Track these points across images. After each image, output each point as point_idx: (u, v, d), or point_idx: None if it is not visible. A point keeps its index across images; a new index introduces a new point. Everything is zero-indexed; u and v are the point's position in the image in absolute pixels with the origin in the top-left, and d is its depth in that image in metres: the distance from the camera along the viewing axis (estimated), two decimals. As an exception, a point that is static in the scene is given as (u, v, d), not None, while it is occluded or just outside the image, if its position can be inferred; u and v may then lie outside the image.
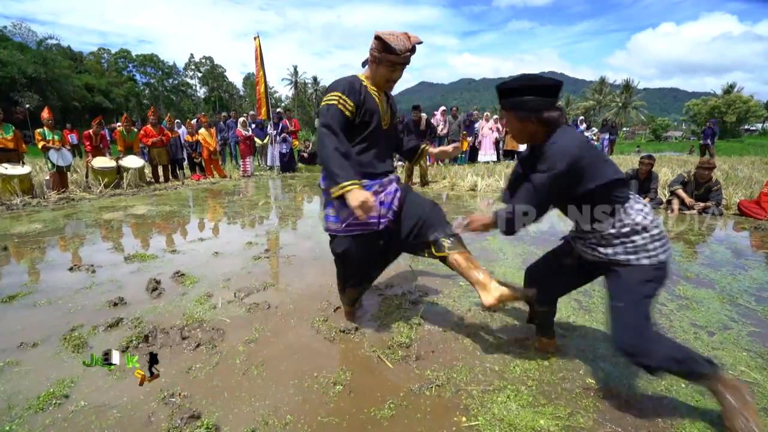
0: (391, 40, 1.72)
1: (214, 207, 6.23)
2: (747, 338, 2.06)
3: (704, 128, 14.32)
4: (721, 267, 3.14)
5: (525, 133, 1.52)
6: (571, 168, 1.38)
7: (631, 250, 1.42)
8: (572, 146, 1.39)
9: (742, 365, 1.82)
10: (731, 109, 40.74)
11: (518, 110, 1.48)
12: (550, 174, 1.40)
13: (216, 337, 2.15)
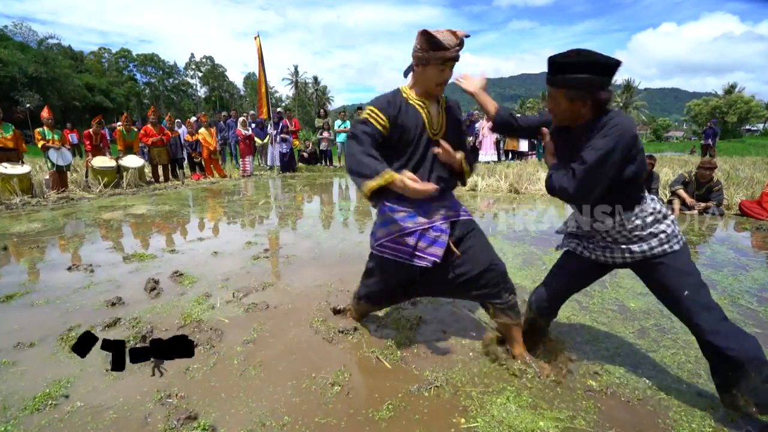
0: (438, 35, 1.57)
1: (213, 207, 6.22)
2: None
3: (705, 128, 14.30)
4: (723, 268, 3.12)
5: (570, 113, 1.40)
6: (625, 145, 1.30)
7: (665, 240, 1.43)
8: (628, 125, 1.32)
9: (744, 367, 1.80)
10: (732, 110, 40.68)
11: (572, 88, 1.34)
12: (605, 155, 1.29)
13: (214, 338, 2.14)
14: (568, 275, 1.71)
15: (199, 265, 3.33)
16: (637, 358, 1.89)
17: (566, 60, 1.34)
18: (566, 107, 1.39)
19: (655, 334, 2.11)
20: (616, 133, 1.29)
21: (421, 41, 1.60)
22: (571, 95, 1.35)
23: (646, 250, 1.45)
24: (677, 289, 1.42)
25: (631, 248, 1.48)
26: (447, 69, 1.64)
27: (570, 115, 1.41)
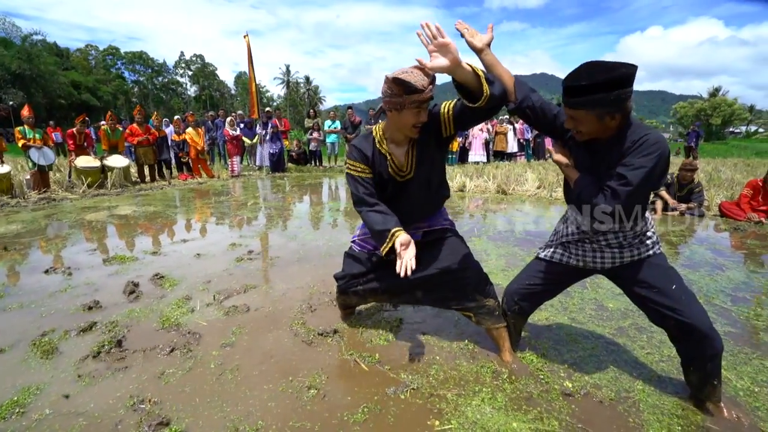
0: (410, 78, 1.50)
1: (199, 207, 6.15)
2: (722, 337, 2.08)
3: (689, 131, 14.60)
4: (700, 267, 3.18)
5: (600, 130, 1.35)
6: (664, 163, 1.31)
7: (650, 245, 1.53)
8: (664, 140, 1.31)
9: (715, 366, 1.83)
10: (716, 112, 41.43)
11: (601, 108, 1.27)
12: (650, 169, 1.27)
13: (192, 341, 2.11)
14: (541, 280, 1.74)
15: (181, 267, 3.29)
16: (613, 358, 1.91)
17: (590, 81, 1.25)
18: (595, 126, 1.33)
19: (632, 333, 2.14)
20: (657, 152, 1.28)
21: (393, 87, 1.55)
22: (600, 113, 1.29)
23: (635, 255, 1.52)
24: (666, 283, 1.48)
25: (622, 252, 1.53)
26: (422, 112, 1.60)
27: (600, 132, 1.36)
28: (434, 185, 1.85)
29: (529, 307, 1.85)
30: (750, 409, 1.55)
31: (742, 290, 2.73)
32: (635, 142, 1.30)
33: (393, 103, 1.58)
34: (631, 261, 1.53)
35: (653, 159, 1.27)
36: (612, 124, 1.32)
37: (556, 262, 1.69)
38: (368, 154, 1.76)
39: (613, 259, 1.55)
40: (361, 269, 2.00)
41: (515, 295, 1.80)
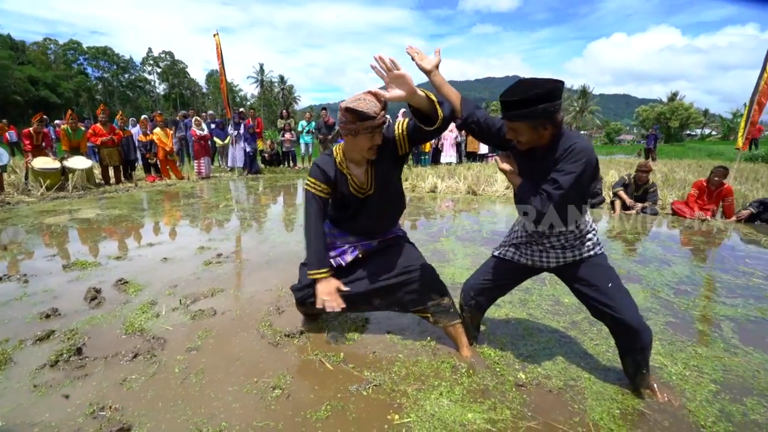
0: (363, 106, 1.62)
1: (167, 210, 6.01)
2: (662, 327, 2.26)
3: (648, 134, 15.46)
4: (650, 263, 3.40)
5: (536, 139, 1.48)
6: (592, 168, 1.43)
7: (591, 246, 1.65)
8: (591, 147, 1.45)
9: (654, 352, 1.98)
10: (675, 116, 43.85)
11: (534, 119, 1.41)
12: (576, 180, 1.40)
13: (156, 347, 2.09)
14: (494, 274, 1.86)
15: (146, 272, 3.23)
16: (565, 350, 2.04)
17: (522, 96, 1.40)
18: (531, 135, 1.46)
19: (584, 327, 2.28)
20: (584, 159, 1.41)
21: (347, 115, 1.67)
22: (534, 124, 1.43)
23: (576, 255, 1.65)
24: (603, 282, 1.61)
25: (564, 253, 1.65)
26: (377, 135, 1.71)
27: (536, 141, 1.49)
28: (393, 200, 1.99)
29: (485, 302, 1.96)
30: (680, 391, 1.70)
31: (684, 283, 2.95)
32: (566, 149, 1.44)
33: (348, 129, 1.70)
34: (573, 260, 1.66)
35: (581, 165, 1.41)
36: (546, 134, 1.46)
37: (508, 259, 1.81)
38: (330, 175, 1.86)
39: (557, 258, 1.68)
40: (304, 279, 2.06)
41: (471, 290, 1.91)
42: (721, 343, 2.10)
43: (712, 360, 1.93)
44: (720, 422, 1.53)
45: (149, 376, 1.84)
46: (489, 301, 1.97)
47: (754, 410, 1.60)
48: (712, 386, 1.73)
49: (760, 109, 5.44)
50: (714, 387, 1.73)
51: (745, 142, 5.71)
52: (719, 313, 2.46)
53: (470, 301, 1.92)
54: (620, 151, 27.99)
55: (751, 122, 5.46)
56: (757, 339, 2.14)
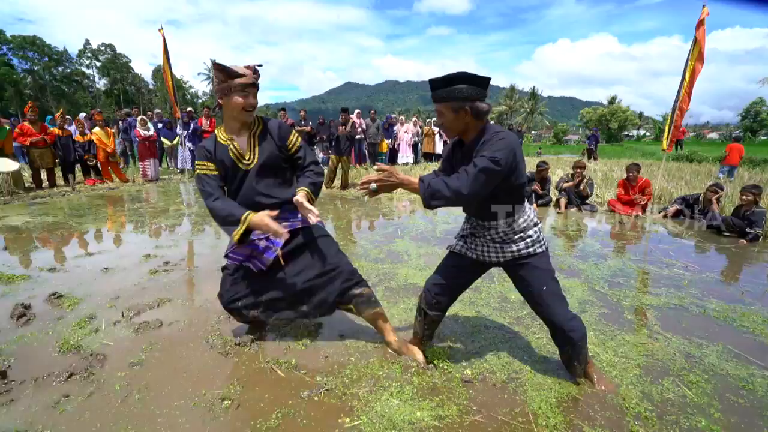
0: (232, 66, 1.76)
1: (110, 216, 5.63)
2: (596, 318, 2.46)
3: (588, 135, 16.64)
4: (589, 258, 3.67)
5: (459, 124, 1.56)
6: (511, 160, 1.48)
7: (530, 243, 1.68)
8: (513, 140, 1.51)
9: (589, 342, 2.14)
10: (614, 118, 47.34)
11: (454, 100, 1.51)
12: (495, 164, 1.44)
13: (94, 364, 1.98)
14: (451, 271, 1.91)
15: (84, 284, 3.02)
16: (509, 345, 2.16)
17: (445, 76, 1.52)
18: (453, 118, 1.56)
19: (527, 322, 2.43)
20: (503, 144, 1.48)
21: (218, 75, 1.77)
22: (455, 106, 1.52)
23: (515, 251, 1.70)
24: (538, 286, 1.69)
25: (503, 248, 1.71)
26: (250, 95, 1.80)
27: (458, 125, 1.58)
28: (279, 176, 1.98)
29: (446, 302, 1.96)
30: (610, 377, 1.87)
31: (618, 276, 3.22)
32: (488, 139, 1.53)
33: (221, 90, 1.78)
34: (512, 258, 1.72)
35: (500, 151, 1.46)
36: (468, 120, 1.55)
37: (461, 254, 1.86)
38: (211, 149, 1.89)
39: (497, 253, 1.73)
40: (236, 285, 2.05)
41: (432, 289, 1.93)
42: (645, 330, 2.32)
43: (637, 346, 2.13)
44: (642, 403, 1.69)
45: (86, 396, 1.73)
46: (449, 300, 1.98)
47: (670, 390, 1.78)
48: (637, 370, 1.91)
49: (682, 114, 6.01)
50: (638, 371, 1.91)
51: (670, 144, 6.29)
52: (645, 302, 2.71)
53: (432, 300, 1.93)
54: (567, 150, 29.76)
55: (675, 126, 6.03)
56: (675, 325, 2.39)
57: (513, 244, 1.70)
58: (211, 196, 1.87)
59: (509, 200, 1.64)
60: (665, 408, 1.67)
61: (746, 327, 2.39)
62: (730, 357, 2.06)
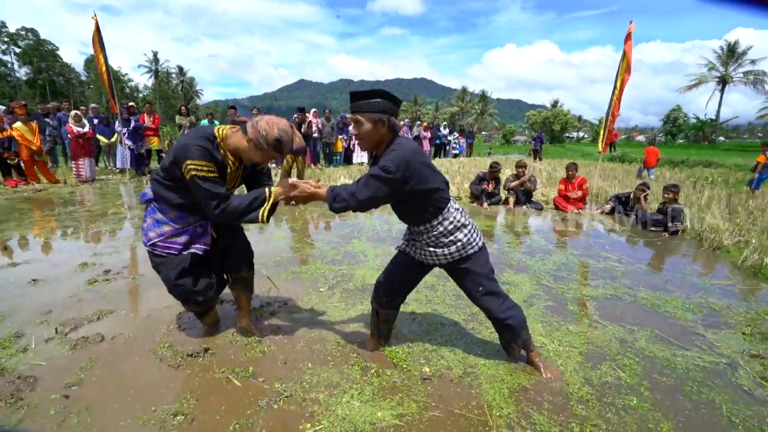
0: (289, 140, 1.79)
1: (37, 221, 5.11)
2: (543, 311, 2.63)
3: (534, 137, 17.72)
4: (535, 254, 3.90)
5: (375, 136, 1.66)
6: (403, 168, 1.58)
7: (461, 247, 1.76)
8: (406, 151, 1.61)
9: (537, 333, 2.30)
10: (557, 120, 50.53)
11: (374, 112, 1.62)
12: (385, 171, 1.57)
13: (23, 388, 1.79)
14: (398, 269, 2.00)
15: (8, 298, 2.73)
16: (465, 341, 2.25)
17: (366, 90, 1.66)
18: (370, 129, 1.65)
19: (481, 317, 2.53)
20: (395, 155, 1.59)
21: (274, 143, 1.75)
22: (374, 117, 1.63)
23: (447, 254, 1.79)
24: (474, 288, 1.83)
25: (436, 251, 1.80)
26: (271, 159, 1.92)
27: (373, 137, 1.67)
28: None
29: (397, 299, 2.04)
30: (556, 366, 2.01)
31: (562, 270, 3.45)
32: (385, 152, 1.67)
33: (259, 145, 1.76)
34: (447, 261, 1.81)
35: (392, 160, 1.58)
36: (383, 133, 1.67)
37: (406, 252, 1.96)
38: (218, 159, 1.83)
39: (432, 256, 1.82)
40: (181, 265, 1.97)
41: (381, 287, 2.00)
42: (586, 320, 2.51)
43: (579, 335, 2.31)
44: (584, 387, 1.84)
45: (14, 424, 1.57)
46: (400, 298, 2.05)
47: (607, 373, 1.95)
48: (579, 358, 2.07)
49: (614, 119, 6.58)
50: (580, 358, 2.07)
51: (605, 146, 6.86)
52: (586, 294, 2.94)
53: (381, 298, 2.00)
54: (515, 150, 31.33)
55: (608, 130, 6.60)
56: (611, 314, 2.61)
57: (445, 248, 1.79)
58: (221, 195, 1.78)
59: (422, 205, 1.73)
60: (603, 390, 1.83)
61: (669, 312, 2.67)
62: (657, 340, 2.29)
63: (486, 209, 6.25)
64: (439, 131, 16.13)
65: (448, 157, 15.97)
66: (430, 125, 15.75)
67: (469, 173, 9.43)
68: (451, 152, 16.53)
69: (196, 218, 1.96)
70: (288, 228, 4.85)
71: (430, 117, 56.83)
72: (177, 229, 1.93)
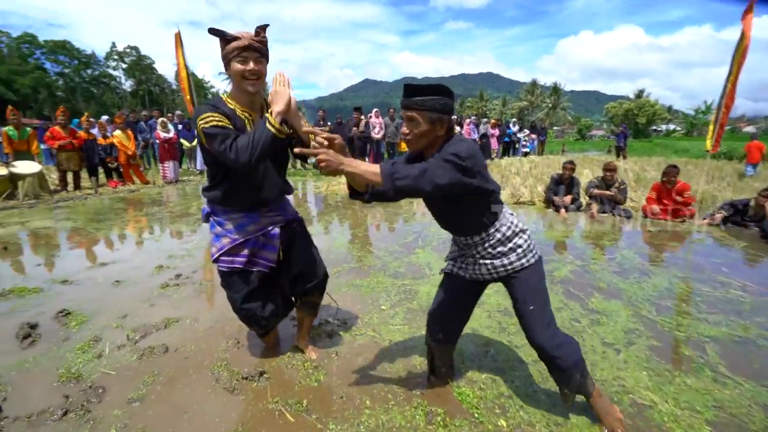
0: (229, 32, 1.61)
1: (127, 222, 5.60)
2: (647, 353, 2.16)
3: (618, 133, 15.89)
4: (630, 274, 3.33)
5: (430, 136, 1.45)
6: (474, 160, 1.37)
7: (521, 254, 1.54)
8: (471, 144, 1.43)
9: (642, 386, 1.87)
10: (642, 112, 45.45)
11: (433, 110, 1.40)
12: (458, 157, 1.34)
13: (92, 399, 1.83)
14: (449, 297, 1.74)
15: (93, 299, 2.92)
16: (548, 386, 1.89)
17: (425, 84, 1.42)
18: (427, 129, 1.43)
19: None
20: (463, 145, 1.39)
21: (220, 42, 1.63)
22: (433, 117, 1.41)
23: (506, 264, 1.54)
24: (525, 303, 1.56)
25: (494, 263, 1.56)
26: (250, 60, 1.61)
27: (428, 137, 1.45)
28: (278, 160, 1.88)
29: (453, 334, 1.80)
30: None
31: (665, 297, 2.88)
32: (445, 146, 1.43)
33: (223, 58, 1.63)
34: (506, 273, 1.56)
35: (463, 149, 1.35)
36: (440, 134, 1.44)
37: (452, 274, 1.71)
38: (227, 113, 1.64)
39: (489, 270, 1.58)
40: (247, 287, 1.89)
41: (435, 322, 1.77)
42: (708, 371, 2.00)
43: (702, 394, 1.82)
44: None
45: (79, 439, 1.58)
46: (459, 329, 1.81)
47: (749, 454, 1.49)
48: (707, 429, 1.61)
49: (727, 112, 5.51)
50: (708, 429, 1.61)
51: (715, 144, 5.78)
52: (703, 333, 2.38)
53: (437, 335, 1.77)
54: (592, 147, 28.73)
55: (720, 125, 5.54)
56: (744, 365, 2.05)
57: (504, 257, 1.55)
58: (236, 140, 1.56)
59: (480, 208, 1.51)
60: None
61: (828, 366, 2.05)
62: (816, 408, 1.74)
63: (563, 216, 5.63)
64: (509, 128, 15.22)
65: (518, 155, 15.00)
66: (499, 122, 14.92)
67: (542, 174, 8.67)
68: (521, 150, 15.52)
69: (255, 226, 1.83)
70: (350, 234, 4.74)
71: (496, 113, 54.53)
72: (236, 240, 1.82)
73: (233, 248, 1.82)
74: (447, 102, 1.42)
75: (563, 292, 2.97)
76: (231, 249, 1.83)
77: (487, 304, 2.73)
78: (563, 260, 3.69)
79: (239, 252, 1.83)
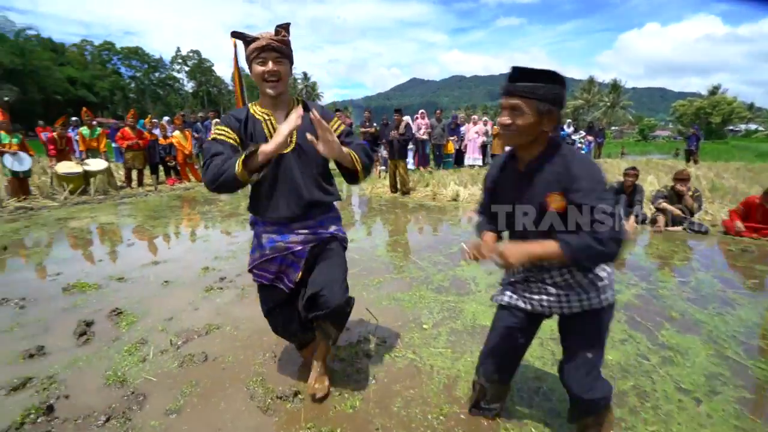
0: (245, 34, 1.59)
1: (181, 220, 5.88)
2: (736, 407, 1.83)
3: (689, 135, 14.37)
4: (709, 303, 2.92)
5: (535, 132, 1.25)
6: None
7: (603, 288, 1.34)
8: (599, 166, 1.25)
9: (731, 448, 1.58)
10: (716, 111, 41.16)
11: (544, 100, 1.20)
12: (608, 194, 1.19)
13: (133, 406, 1.86)
14: (508, 335, 1.52)
15: (144, 299, 3.03)
16: None
17: (538, 69, 1.20)
18: (533, 122, 1.23)
19: (633, 401, 1.89)
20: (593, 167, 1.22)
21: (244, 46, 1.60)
22: (542, 108, 1.21)
23: (583, 300, 1.33)
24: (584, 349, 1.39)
25: (569, 297, 1.34)
26: (269, 60, 1.55)
27: (533, 131, 1.25)
28: (317, 166, 1.72)
29: (512, 373, 1.65)
30: None
31: (755, 335, 2.48)
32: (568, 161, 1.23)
33: (246, 62, 1.60)
34: (580, 310, 1.34)
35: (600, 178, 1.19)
36: (547, 129, 1.25)
37: (510, 306, 1.49)
38: (241, 119, 1.66)
39: (560, 303, 1.36)
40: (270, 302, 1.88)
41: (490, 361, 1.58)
42: (819, 437, 1.65)
43: (811, 466, 1.50)
44: None
45: (117, 451, 1.59)
46: (513, 370, 1.65)
47: None
48: None
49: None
50: None
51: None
52: (807, 385, 2.00)
53: (493, 375, 1.60)
54: (655, 149, 26.52)
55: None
56: None
57: (582, 291, 1.32)
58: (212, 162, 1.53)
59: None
60: None
61: None
62: None
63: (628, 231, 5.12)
64: (563, 130, 14.37)
65: (571, 158, 14.11)
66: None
67: (600, 180, 8.03)
68: (575, 153, 14.58)
69: (285, 243, 1.75)
70: (393, 240, 4.63)
71: (549, 112, 51.89)
72: (266, 256, 1.77)
73: (262, 263, 1.80)
74: (560, 92, 1.22)
75: (627, 320, 2.65)
76: (261, 263, 1.80)
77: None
78: (626, 282, 3.32)
79: (268, 268, 1.81)
